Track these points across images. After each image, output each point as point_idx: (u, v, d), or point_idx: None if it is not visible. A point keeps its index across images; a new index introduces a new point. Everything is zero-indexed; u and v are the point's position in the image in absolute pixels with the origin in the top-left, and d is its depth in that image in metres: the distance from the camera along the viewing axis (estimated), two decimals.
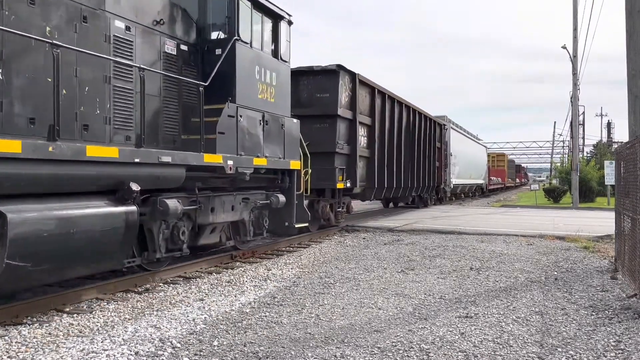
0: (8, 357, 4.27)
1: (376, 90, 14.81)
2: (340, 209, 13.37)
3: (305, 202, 10.51)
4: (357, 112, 13.26)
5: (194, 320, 5.37)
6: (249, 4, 8.39)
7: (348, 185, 12.87)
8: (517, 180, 70.22)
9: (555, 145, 72.09)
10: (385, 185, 15.41)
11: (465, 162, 30.06)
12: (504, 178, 53.28)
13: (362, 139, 13.77)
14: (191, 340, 4.73)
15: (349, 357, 4.31)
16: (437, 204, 24.53)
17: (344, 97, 12.63)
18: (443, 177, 23.85)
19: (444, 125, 24.21)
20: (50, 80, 5.32)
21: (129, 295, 6.39)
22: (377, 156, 14.74)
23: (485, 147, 42.42)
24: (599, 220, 15.58)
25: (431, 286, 7.00)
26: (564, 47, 27.22)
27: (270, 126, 8.98)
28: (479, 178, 36.62)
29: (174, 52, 7.54)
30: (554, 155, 65.78)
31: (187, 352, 4.41)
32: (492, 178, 45.22)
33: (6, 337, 4.71)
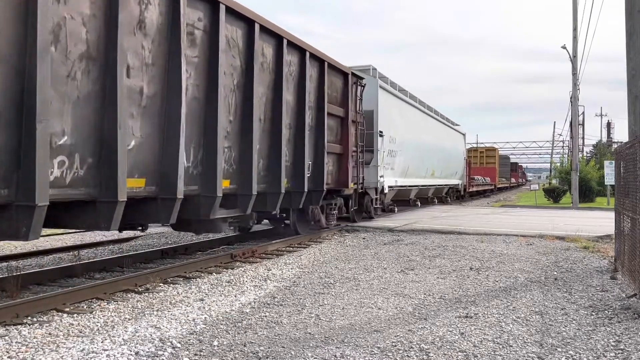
0: (8, 357, 4.27)
1: None
2: None
3: None
4: None
5: (194, 320, 5.37)
6: None
7: None
8: (513, 180, 64.02)
9: (555, 145, 72.16)
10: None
11: (420, 152, 19.64)
12: (494, 177, 43.43)
13: None
14: (191, 340, 4.73)
15: (349, 357, 4.31)
16: (364, 219, 14.53)
17: None
18: (354, 175, 12.66)
19: (359, 80, 12.97)
20: None
21: (129, 295, 6.39)
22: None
23: (463, 134, 29.96)
24: (599, 220, 15.59)
25: (431, 286, 7.00)
26: (564, 47, 27.29)
27: None
28: (452, 177, 26.39)
29: None
30: (553, 155, 65.69)
31: (187, 352, 4.42)
32: (475, 177, 35.66)
33: (6, 337, 4.71)
